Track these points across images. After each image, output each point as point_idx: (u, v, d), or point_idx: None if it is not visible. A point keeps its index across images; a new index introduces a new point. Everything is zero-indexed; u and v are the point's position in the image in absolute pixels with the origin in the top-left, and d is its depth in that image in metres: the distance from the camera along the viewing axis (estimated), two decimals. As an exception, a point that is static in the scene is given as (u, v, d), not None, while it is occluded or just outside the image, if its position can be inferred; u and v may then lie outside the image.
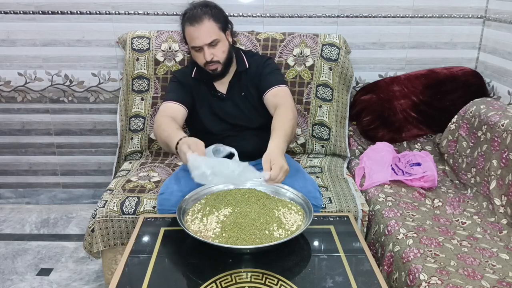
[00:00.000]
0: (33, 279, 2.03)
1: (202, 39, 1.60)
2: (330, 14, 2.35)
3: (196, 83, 1.76)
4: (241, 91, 1.76)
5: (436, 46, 2.44)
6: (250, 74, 1.77)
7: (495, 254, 1.51)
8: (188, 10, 1.64)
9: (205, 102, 1.77)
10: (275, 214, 1.35)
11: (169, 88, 1.79)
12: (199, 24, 1.58)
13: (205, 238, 1.26)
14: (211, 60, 1.63)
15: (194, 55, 1.68)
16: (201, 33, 1.59)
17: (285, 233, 1.29)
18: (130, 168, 2.13)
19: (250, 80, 1.77)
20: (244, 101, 1.77)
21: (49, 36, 2.36)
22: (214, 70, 1.67)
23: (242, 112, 1.77)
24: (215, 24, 1.61)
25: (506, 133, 1.78)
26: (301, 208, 1.43)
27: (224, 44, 1.66)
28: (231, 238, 1.25)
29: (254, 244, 1.24)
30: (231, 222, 1.31)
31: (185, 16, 1.63)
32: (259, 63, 1.78)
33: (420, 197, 1.90)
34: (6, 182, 2.67)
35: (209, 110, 1.77)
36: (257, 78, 1.75)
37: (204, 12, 1.60)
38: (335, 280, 1.21)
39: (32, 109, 2.50)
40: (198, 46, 1.61)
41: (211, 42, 1.61)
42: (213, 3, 1.67)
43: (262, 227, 1.29)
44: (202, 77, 1.74)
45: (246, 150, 1.74)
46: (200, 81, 1.76)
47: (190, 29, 1.60)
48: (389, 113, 2.32)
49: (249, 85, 1.77)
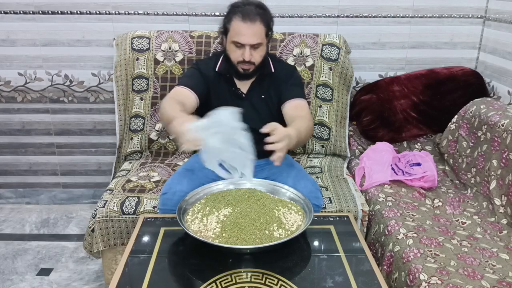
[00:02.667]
0: (33, 279, 2.03)
1: (249, 39, 1.59)
2: (330, 14, 2.35)
3: (217, 76, 1.74)
4: (261, 93, 1.76)
5: (436, 46, 2.44)
6: (274, 78, 1.76)
7: (495, 254, 1.51)
8: (241, 3, 1.62)
9: (222, 97, 1.74)
10: (275, 214, 1.35)
11: (186, 73, 1.77)
12: (251, 23, 1.57)
13: (205, 238, 1.26)
14: (248, 61, 1.62)
15: (230, 49, 1.65)
16: (250, 32, 1.58)
17: (285, 233, 1.29)
18: (130, 168, 2.13)
19: (273, 85, 1.76)
20: (262, 104, 1.76)
21: (49, 36, 2.36)
22: (246, 70, 1.66)
23: (258, 114, 1.75)
24: (264, 28, 1.61)
25: (506, 133, 1.78)
26: (301, 208, 1.43)
27: (263, 48, 1.66)
28: (231, 238, 1.25)
29: (254, 244, 1.24)
30: (231, 222, 1.31)
31: (237, 9, 1.61)
32: (287, 71, 1.79)
33: (420, 197, 1.90)
34: (6, 182, 2.67)
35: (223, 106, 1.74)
36: (282, 85, 1.74)
37: (258, 13, 1.59)
38: (335, 280, 1.21)
39: (32, 109, 2.50)
40: (242, 43, 1.60)
41: (255, 44, 1.60)
42: (266, 7, 1.67)
43: (262, 227, 1.29)
44: (226, 72, 1.73)
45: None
46: (222, 75, 1.74)
47: (240, 24, 1.58)
48: (389, 113, 2.32)
49: (271, 89, 1.76)
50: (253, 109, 1.75)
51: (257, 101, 1.76)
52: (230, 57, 1.66)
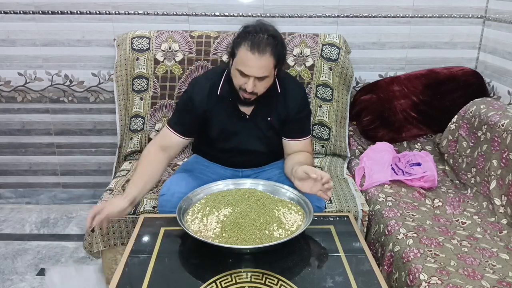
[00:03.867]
0: (33, 279, 2.03)
1: (254, 71, 1.47)
2: (330, 14, 2.35)
3: (218, 99, 1.64)
4: (267, 115, 1.66)
5: (436, 46, 2.44)
6: (282, 100, 1.66)
7: (495, 254, 1.51)
8: (253, 30, 1.47)
9: (224, 119, 1.66)
10: (275, 214, 1.35)
11: (179, 108, 1.69)
12: (260, 55, 1.44)
13: (205, 238, 1.26)
14: (250, 92, 1.51)
15: (234, 74, 1.53)
16: (257, 65, 1.45)
17: (285, 233, 1.29)
18: (130, 168, 2.13)
19: (279, 105, 1.66)
20: (267, 125, 1.68)
21: (49, 36, 2.36)
22: (246, 99, 1.55)
23: (261, 136, 1.70)
24: (273, 61, 1.48)
25: (506, 133, 1.78)
26: (301, 208, 1.43)
27: (269, 80, 1.54)
28: (231, 238, 1.25)
29: (254, 244, 1.24)
30: (231, 222, 1.31)
31: (248, 35, 1.47)
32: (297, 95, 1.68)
33: (420, 197, 1.90)
34: (6, 182, 2.67)
35: (224, 128, 1.68)
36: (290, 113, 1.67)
37: (269, 44, 1.45)
38: (335, 280, 1.22)
39: (32, 109, 2.50)
40: (247, 74, 1.48)
41: (261, 77, 1.49)
42: (280, 36, 1.52)
43: (262, 227, 1.29)
44: (228, 95, 1.62)
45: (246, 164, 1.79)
46: (224, 98, 1.64)
47: (247, 54, 1.45)
48: (389, 113, 2.32)
49: (277, 110, 1.66)
50: (257, 130, 1.69)
51: (262, 122, 1.67)
52: (233, 81, 1.55)
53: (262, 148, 1.72)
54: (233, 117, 1.66)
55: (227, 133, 1.69)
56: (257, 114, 1.66)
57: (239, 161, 1.76)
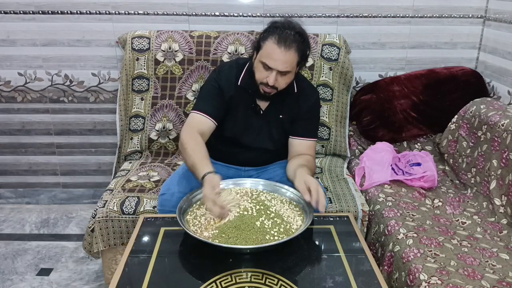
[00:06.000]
0: (33, 279, 2.03)
1: (279, 65, 1.49)
2: (330, 14, 2.35)
3: (237, 90, 1.66)
4: (280, 113, 1.69)
5: (436, 46, 2.44)
6: (296, 100, 1.69)
7: (495, 254, 1.51)
8: (281, 25, 1.51)
9: (239, 112, 1.68)
10: (275, 214, 1.35)
11: (205, 93, 1.68)
12: (286, 49, 1.47)
13: (205, 238, 1.26)
14: (272, 86, 1.53)
15: (257, 67, 1.56)
16: (282, 59, 1.48)
17: (285, 233, 1.29)
18: (130, 168, 2.13)
19: (293, 105, 1.69)
20: (278, 123, 1.70)
21: (49, 36, 2.36)
22: (266, 92, 1.58)
23: (270, 133, 1.71)
24: (297, 58, 1.52)
25: (506, 133, 1.78)
26: (301, 208, 1.43)
27: (291, 76, 1.57)
28: (231, 238, 1.25)
29: (254, 244, 1.24)
30: (231, 222, 1.31)
31: (276, 30, 1.50)
32: (310, 97, 1.71)
33: (420, 197, 1.90)
34: (6, 182, 2.67)
35: (238, 120, 1.69)
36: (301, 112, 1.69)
37: (295, 40, 1.49)
38: (335, 280, 1.21)
39: (32, 109, 2.50)
40: (271, 67, 1.50)
41: (283, 72, 1.52)
42: (306, 35, 1.55)
43: (262, 227, 1.29)
44: (248, 87, 1.64)
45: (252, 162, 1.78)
46: (243, 89, 1.66)
47: (274, 47, 1.48)
48: (389, 113, 2.32)
49: (290, 109, 1.69)
50: (267, 127, 1.71)
51: (274, 119, 1.69)
52: (255, 74, 1.57)
53: (269, 146, 1.73)
54: (248, 109, 1.68)
55: (240, 126, 1.70)
56: (271, 110, 1.69)
57: (244, 158, 1.76)
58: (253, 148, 1.73)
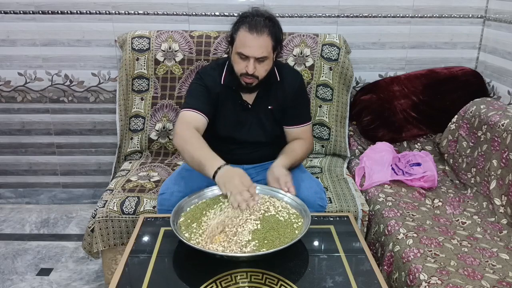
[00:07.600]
0: (33, 279, 2.03)
1: (254, 51, 1.52)
2: (330, 14, 2.35)
3: (222, 89, 1.68)
4: (268, 104, 1.70)
5: (436, 46, 2.44)
6: (280, 86, 1.71)
7: (495, 254, 1.51)
8: (250, 14, 1.55)
9: (228, 110, 1.70)
10: (272, 219, 1.34)
11: (192, 91, 1.69)
12: (258, 35, 1.50)
13: (200, 244, 1.23)
14: (251, 74, 1.55)
15: (234, 60, 1.58)
16: (256, 44, 1.51)
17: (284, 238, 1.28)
18: (130, 168, 2.13)
19: (279, 93, 1.70)
20: (268, 114, 1.72)
21: (49, 36, 2.36)
22: (248, 83, 1.60)
23: (263, 126, 1.72)
24: (271, 42, 1.54)
25: (506, 133, 1.78)
26: (298, 212, 1.41)
27: (269, 63, 1.59)
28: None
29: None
30: (228, 228, 1.29)
31: (245, 19, 1.54)
32: (294, 81, 1.73)
33: (420, 197, 1.90)
34: (6, 182, 2.67)
35: (228, 118, 1.70)
36: (288, 99, 1.71)
37: (266, 25, 1.52)
38: (335, 280, 1.21)
39: (32, 109, 2.50)
40: (247, 55, 1.53)
41: (260, 58, 1.53)
42: (276, 19, 1.59)
43: (259, 233, 1.27)
44: (231, 84, 1.66)
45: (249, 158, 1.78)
46: (228, 87, 1.68)
47: (246, 35, 1.51)
48: (389, 113, 2.32)
49: (278, 99, 1.71)
50: (258, 120, 1.72)
51: (263, 112, 1.71)
52: (234, 68, 1.60)
53: (263, 138, 1.74)
54: (237, 106, 1.70)
55: (231, 124, 1.71)
56: (259, 103, 1.71)
57: (241, 155, 1.75)
58: (248, 143, 1.74)
